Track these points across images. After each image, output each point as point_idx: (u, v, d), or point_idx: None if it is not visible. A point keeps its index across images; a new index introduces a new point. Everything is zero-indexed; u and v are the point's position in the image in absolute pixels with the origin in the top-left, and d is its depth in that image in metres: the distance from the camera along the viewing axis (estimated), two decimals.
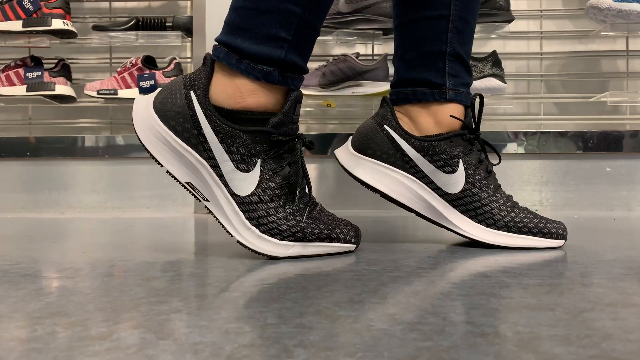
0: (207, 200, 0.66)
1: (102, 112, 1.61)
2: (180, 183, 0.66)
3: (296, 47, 0.64)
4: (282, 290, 0.51)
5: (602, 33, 1.44)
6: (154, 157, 0.66)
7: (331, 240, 0.68)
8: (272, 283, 0.55)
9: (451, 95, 0.76)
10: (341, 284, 0.53)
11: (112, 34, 1.49)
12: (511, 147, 1.48)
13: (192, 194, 0.67)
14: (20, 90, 1.46)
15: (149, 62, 1.49)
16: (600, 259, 0.66)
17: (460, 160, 0.74)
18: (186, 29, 1.50)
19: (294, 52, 0.64)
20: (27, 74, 1.45)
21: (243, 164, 0.64)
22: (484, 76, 1.43)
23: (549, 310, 0.42)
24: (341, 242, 0.69)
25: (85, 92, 1.48)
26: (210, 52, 0.67)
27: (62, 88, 1.47)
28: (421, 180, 0.74)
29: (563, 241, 0.74)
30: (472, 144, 0.75)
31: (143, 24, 1.48)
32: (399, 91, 0.78)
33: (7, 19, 1.42)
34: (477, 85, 1.43)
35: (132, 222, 1.24)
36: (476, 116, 0.77)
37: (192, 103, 0.64)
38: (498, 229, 0.73)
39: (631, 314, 0.42)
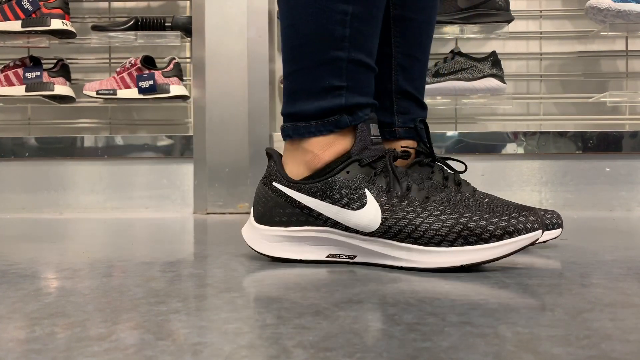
0: (355, 256, 0.63)
1: (101, 112, 1.61)
2: (323, 262, 0.64)
3: (355, 90, 0.63)
4: (281, 291, 0.51)
5: (601, 33, 1.45)
6: (288, 260, 0.64)
7: (511, 235, 0.56)
8: (271, 283, 0.55)
9: (401, 133, 0.76)
10: (340, 284, 0.53)
11: (111, 34, 1.49)
12: (510, 147, 1.48)
13: (340, 262, 0.64)
14: (19, 90, 1.46)
15: (148, 62, 1.49)
16: (600, 259, 0.66)
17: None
18: (185, 29, 1.50)
19: (354, 95, 0.63)
20: (26, 74, 1.45)
21: (355, 202, 0.60)
22: (484, 76, 1.43)
23: (548, 310, 0.42)
24: (524, 233, 0.56)
25: (85, 92, 1.48)
26: (267, 148, 0.67)
27: (61, 88, 1.47)
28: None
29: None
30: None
31: (142, 24, 1.48)
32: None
33: (6, 19, 1.42)
34: (477, 85, 1.43)
35: (131, 223, 1.24)
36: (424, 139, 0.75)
37: (278, 189, 0.64)
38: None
39: (630, 315, 0.42)
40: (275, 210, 0.64)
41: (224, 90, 1.48)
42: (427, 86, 1.46)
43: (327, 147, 0.63)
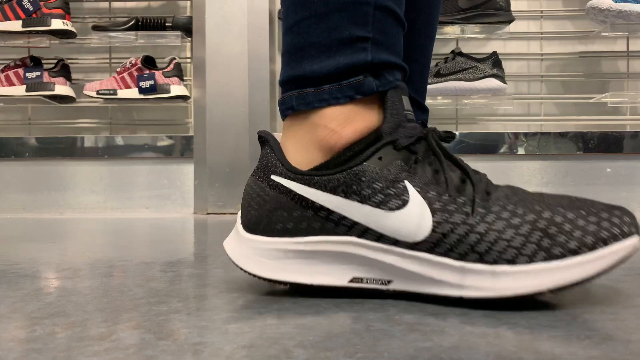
0: (389, 281, 0.45)
1: (102, 113, 1.61)
2: (342, 289, 0.46)
3: (382, 44, 0.48)
4: (281, 291, 0.50)
5: (602, 34, 1.45)
6: (295, 284, 0.47)
7: (605, 242, 0.42)
8: (271, 283, 0.55)
9: None
10: None
11: (112, 34, 1.49)
12: (511, 148, 1.48)
13: (367, 290, 0.46)
14: (19, 90, 1.46)
15: (149, 62, 1.49)
16: None
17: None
18: (186, 29, 1.50)
19: (381, 51, 0.47)
20: (27, 74, 1.45)
21: (393, 200, 0.44)
22: (485, 77, 1.43)
23: (549, 310, 0.42)
24: (621, 239, 0.42)
25: (85, 92, 1.48)
26: (259, 131, 0.50)
27: (62, 88, 1.47)
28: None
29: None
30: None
31: (143, 24, 1.48)
32: None
33: (7, 19, 1.42)
34: (478, 85, 1.42)
35: (132, 223, 1.24)
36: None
37: (280, 185, 0.47)
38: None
39: (632, 315, 0.42)
40: (277, 214, 0.46)
41: (225, 91, 1.48)
42: (428, 86, 1.46)
43: (348, 121, 0.47)
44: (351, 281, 0.46)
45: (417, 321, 0.40)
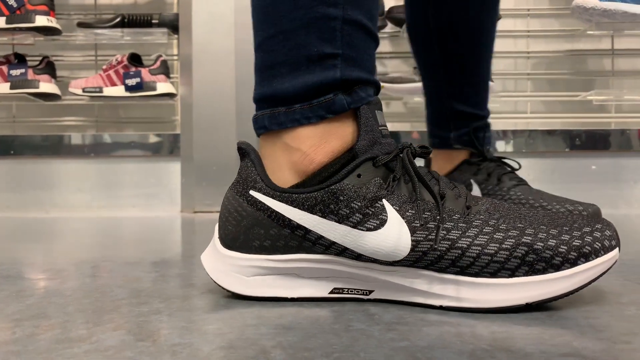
0: (370, 291, 0.46)
1: (88, 110, 1.60)
2: (325, 299, 0.47)
3: (352, 60, 0.47)
4: None
5: (587, 32, 1.46)
6: (276, 298, 0.47)
7: (587, 257, 0.43)
8: None
9: (455, 140, 0.87)
10: None
11: (98, 31, 1.48)
12: (499, 145, 1.49)
13: (349, 298, 0.47)
14: (3, 87, 1.44)
15: (135, 59, 1.48)
16: None
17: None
18: (172, 26, 1.49)
19: (352, 68, 0.47)
20: (11, 72, 1.44)
21: (371, 219, 0.44)
22: None
23: (525, 309, 0.43)
24: (602, 254, 0.43)
25: (70, 89, 1.47)
26: (238, 142, 0.49)
27: (47, 86, 1.46)
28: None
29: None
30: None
31: (129, 21, 1.47)
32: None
33: None
34: None
35: (118, 222, 1.23)
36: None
37: (258, 201, 0.46)
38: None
39: (604, 313, 0.42)
40: (254, 231, 0.46)
41: (212, 88, 1.48)
42: (413, 85, 1.46)
43: (320, 143, 0.47)
44: (332, 292, 0.47)
45: (397, 320, 0.41)
